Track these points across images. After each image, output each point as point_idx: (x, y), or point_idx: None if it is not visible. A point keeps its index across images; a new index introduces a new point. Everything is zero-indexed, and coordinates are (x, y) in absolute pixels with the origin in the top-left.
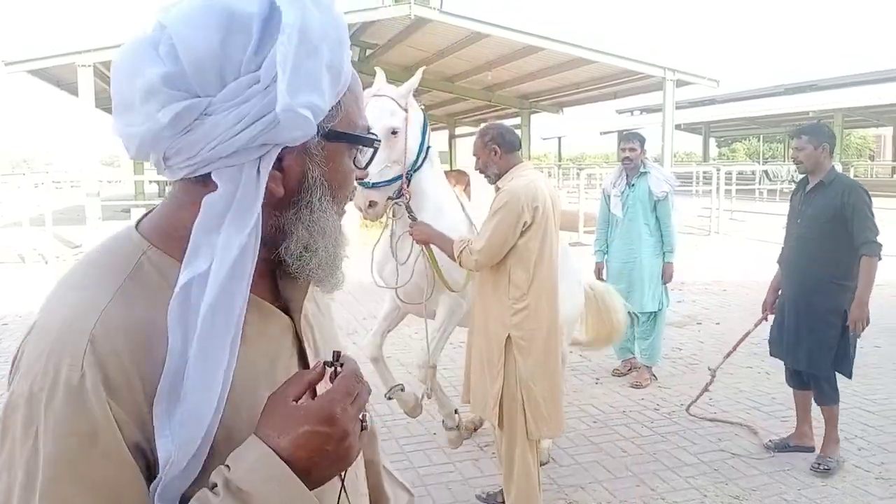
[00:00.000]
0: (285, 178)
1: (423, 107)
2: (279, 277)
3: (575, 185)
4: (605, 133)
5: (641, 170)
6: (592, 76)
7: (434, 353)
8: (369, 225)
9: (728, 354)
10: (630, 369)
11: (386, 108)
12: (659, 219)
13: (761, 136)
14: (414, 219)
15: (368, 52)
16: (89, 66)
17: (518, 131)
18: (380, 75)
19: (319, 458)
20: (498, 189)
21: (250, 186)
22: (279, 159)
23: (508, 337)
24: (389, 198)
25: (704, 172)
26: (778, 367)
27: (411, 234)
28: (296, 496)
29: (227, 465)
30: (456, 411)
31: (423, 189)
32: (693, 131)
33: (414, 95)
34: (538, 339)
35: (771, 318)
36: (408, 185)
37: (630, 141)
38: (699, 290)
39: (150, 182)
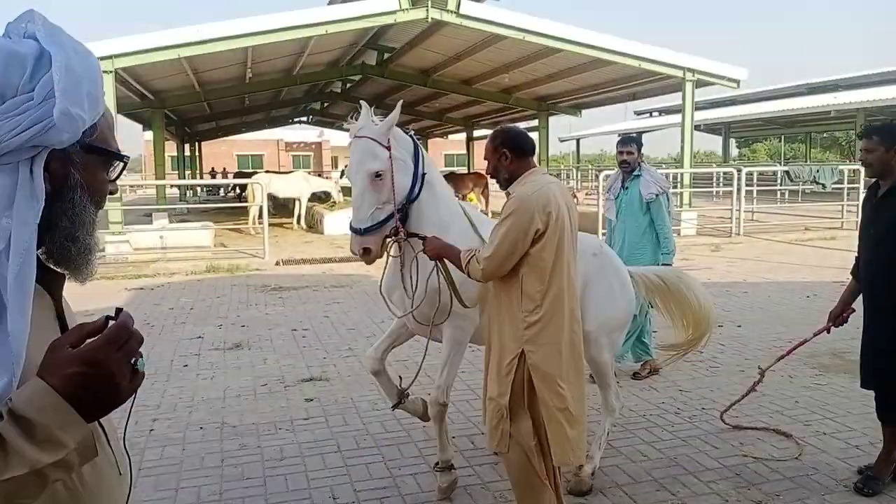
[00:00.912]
0: (53, 177)
1: (411, 133)
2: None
3: (594, 186)
4: (623, 134)
5: (635, 173)
6: (611, 77)
7: (445, 389)
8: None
9: (780, 358)
10: (650, 371)
11: (368, 150)
12: (653, 220)
13: (782, 137)
14: (423, 238)
15: (386, 55)
16: (111, 72)
17: (535, 133)
18: (364, 110)
19: (87, 394)
20: (509, 195)
21: (26, 180)
22: (48, 163)
23: (522, 352)
24: (386, 237)
25: (725, 173)
26: (800, 370)
27: (424, 251)
28: (67, 421)
29: (10, 398)
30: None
31: (423, 214)
32: (713, 132)
33: (415, 107)
34: (554, 354)
35: (833, 330)
36: (405, 216)
37: (627, 144)
38: (720, 293)
39: (172, 186)
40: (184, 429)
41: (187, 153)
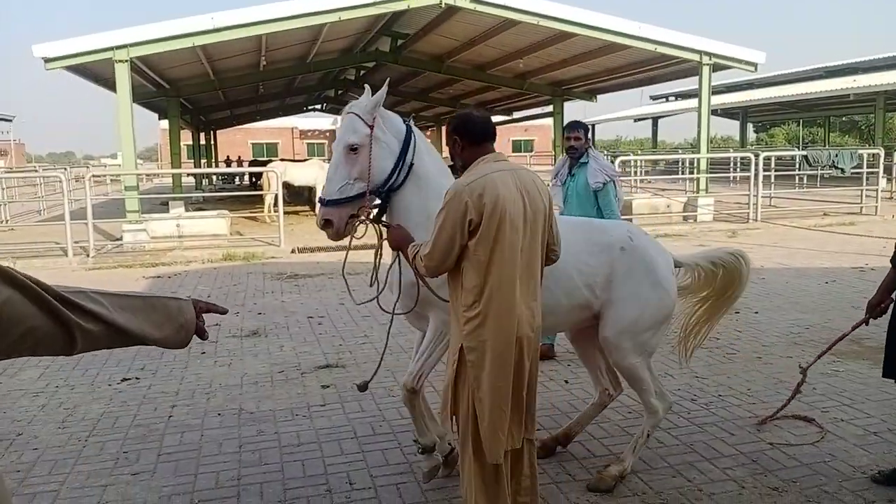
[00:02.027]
0: None
1: (409, 122)
2: None
3: None
4: (639, 119)
5: (583, 160)
6: (627, 62)
7: (419, 375)
8: None
9: (822, 354)
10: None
11: (350, 125)
12: (601, 209)
13: (801, 121)
14: (387, 226)
15: (400, 41)
16: (126, 61)
17: (550, 119)
18: (366, 92)
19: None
20: None
21: None
22: None
23: (461, 347)
24: (353, 215)
25: (742, 158)
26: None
27: (387, 241)
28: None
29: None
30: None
31: (405, 207)
32: (730, 116)
33: (429, 94)
34: (488, 353)
35: (872, 321)
36: (385, 204)
37: (575, 129)
38: None
39: (188, 175)
40: (202, 415)
41: (202, 142)
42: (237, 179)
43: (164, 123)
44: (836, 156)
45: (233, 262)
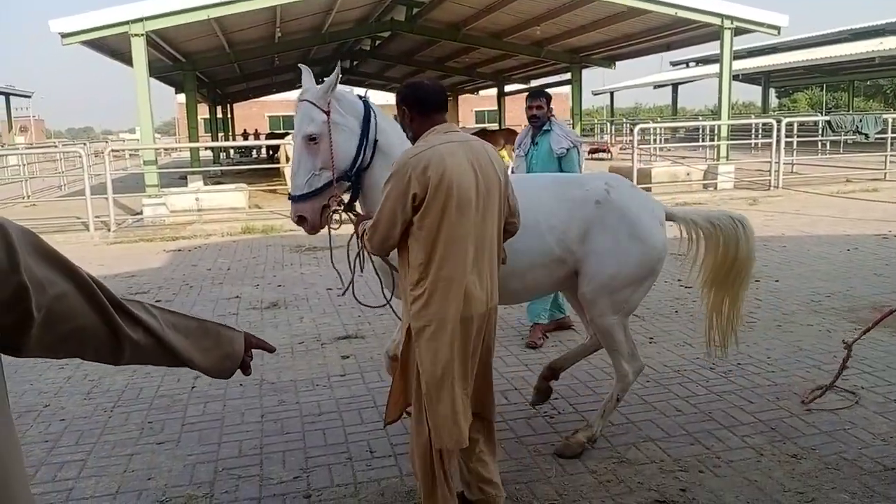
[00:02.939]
0: None
1: (366, 98)
2: None
3: (628, 140)
4: (659, 86)
5: (546, 128)
6: (646, 27)
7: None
8: None
9: (866, 330)
10: (559, 328)
11: (305, 114)
12: None
13: (824, 85)
14: (358, 215)
15: (415, 10)
16: (142, 35)
17: (568, 87)
18: (305, 74)
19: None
20: None
21: None
22: None
23: (409, 327)
24: (325, 206)
25: (764, 124)
26: (839, 325)
27: (356, 233)
28: (220, 354)
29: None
30: None
31: (376, 184)
32: (752, 81)
33: (445, 63)
34: (436, 333)
35: (873, 283)
36: (357, 186)
37: (536, 98)
38: (757, 247)
39: (206, 149)
40: (224, 385)
41: (219, 115)
42: (254, 152)
43: (181, 97)
44: (860, 121)
45: (252, 234)
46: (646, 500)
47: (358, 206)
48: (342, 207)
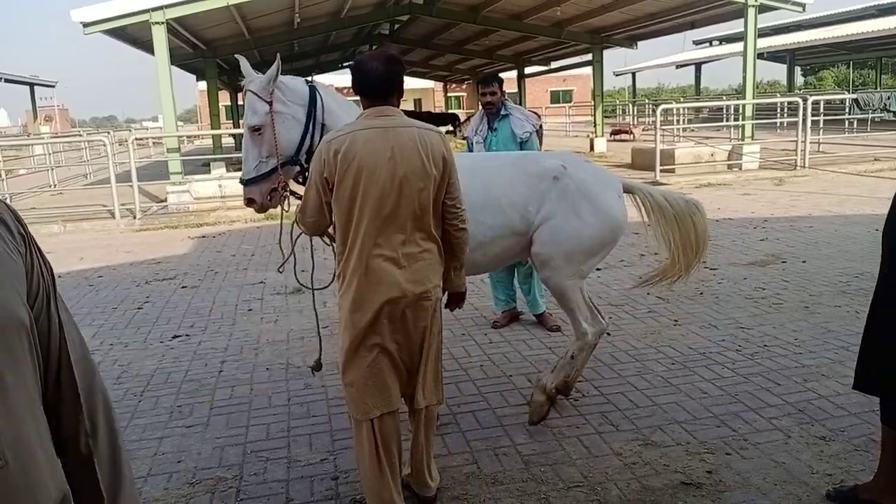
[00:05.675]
0: None
1: (312, 82)
2: None
3: (650, 122)
4: (681, 66)
5: (502, 112)
6: (668, 5)
7: None
8: None
9: None
10: (510, 320)
11: (249, 106)
12: None
13: (851, 63)
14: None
15: None
16: (162, 23)
17: (589, 68)
18: (243, 64)
19: None
20: None
21: None
22: None
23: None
24: (274, 189)
25: (789, 103)
26: (867, 306)
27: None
28: None
29: None
30: None
31: None
32: (777, 60)
33: (464, 46)
34: (354, 316)
35: None
36: (300, 172)
37: (489, 84)
38: (783, 228)
39: (228, 136)
40: (251, 370)
41: (240, 102)
42: None
43: (202, 85)
44: (889, 98)
45: (275, 220)
46: (672, 482)
47: None
48: (288, 191)
